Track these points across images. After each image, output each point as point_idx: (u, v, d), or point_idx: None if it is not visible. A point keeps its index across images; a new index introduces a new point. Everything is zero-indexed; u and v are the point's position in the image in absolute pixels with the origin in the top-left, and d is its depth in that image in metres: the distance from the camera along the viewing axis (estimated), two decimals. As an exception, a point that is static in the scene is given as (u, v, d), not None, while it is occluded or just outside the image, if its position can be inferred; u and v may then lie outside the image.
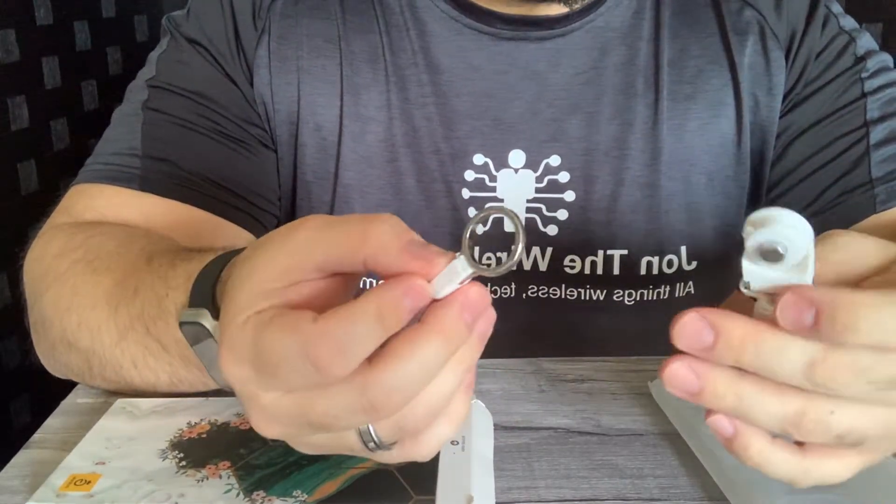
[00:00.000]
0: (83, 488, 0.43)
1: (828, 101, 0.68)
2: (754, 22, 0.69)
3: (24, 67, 1.34)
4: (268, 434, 0.35)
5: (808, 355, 0.32)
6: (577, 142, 0.68)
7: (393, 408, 0.31)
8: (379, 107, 0.68)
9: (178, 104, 0.66)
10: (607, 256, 0.69)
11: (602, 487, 0.45)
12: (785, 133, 0.69)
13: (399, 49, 0.68)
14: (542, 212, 0.69)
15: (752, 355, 0.33)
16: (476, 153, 0.68)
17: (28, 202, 1.34)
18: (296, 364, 0.31)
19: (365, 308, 0.30)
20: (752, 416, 0.34)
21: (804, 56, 0.68)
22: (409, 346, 0.31)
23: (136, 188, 0.63)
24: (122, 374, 0.51)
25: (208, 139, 0.66)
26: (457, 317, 0.31)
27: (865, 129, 0.66)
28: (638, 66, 0.69)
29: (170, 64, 0.68)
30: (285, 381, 0.32)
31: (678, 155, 0.69)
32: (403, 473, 0.43)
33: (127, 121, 0.67)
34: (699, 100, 0.68)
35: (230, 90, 0.67)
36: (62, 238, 0.58)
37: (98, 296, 0.52)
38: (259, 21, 0.67)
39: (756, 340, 0.32)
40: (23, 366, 1.33)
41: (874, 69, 0.68)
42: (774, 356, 0.32)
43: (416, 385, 0.31)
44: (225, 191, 0.65)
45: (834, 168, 0.66)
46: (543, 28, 0.67)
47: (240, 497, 0.42)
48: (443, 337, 0.31)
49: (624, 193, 0.69)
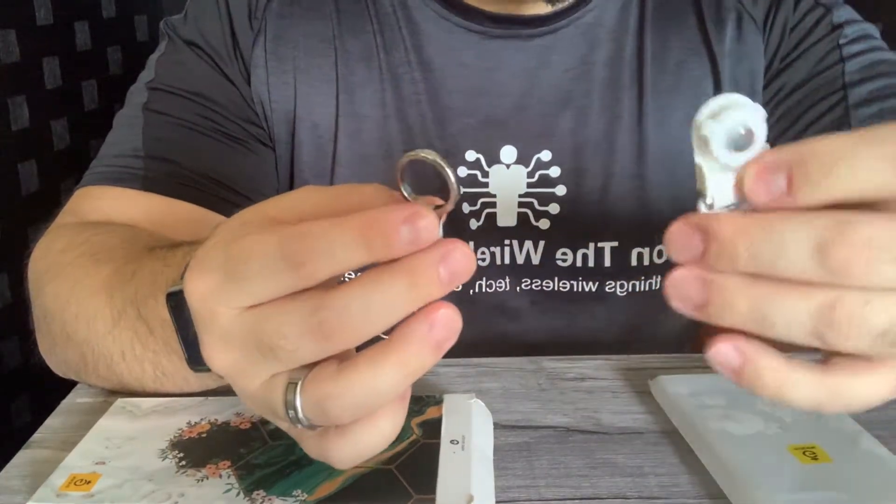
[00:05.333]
0: (83, 488, 0.43)
1: (805, 70, 0.68)
2: (732, 8, 0.70)
3: (24, 67, 1.34)
4: (217, 364, 0.33)
5: (814, 236, 0.28)
6: (568, 136, 0.69)
7: (342, 337, 0.30)
8: (374, 105, 0.69)
9: (177, 105, 0.67)
10: (598, 249, 0.70)
11: (602, 486, 0.45)
12: (766, 106, 0.69)
13: (392, 48, 0.69)
14: (534, 206, 0.70)
15: (749, 251, 0.28)
16: (468, 150, 0.69)
17: (28, 202, 1.34)
18: (269, 261, 0.30)
19: (352, 219, 0.30)
20: (772, 323, 0.29)
21: (778, 33, 0.69)
22: (375, 276, 0.30)
23: (140, 188, 0.63)
24: (112, 368, 0.51)
25: (209, 139, 0.66)
26: (430, 264, 0.30)
27: (844, 92, 0.66)
28: (624, 60, 0.70)
29: (168, 66, 0.69)
30: (253, 283, 0.31)
31: (663, 147, 0.70)
32: (403, 473, 0.43)
33: (128, 123, 0.67)
34: (681, 91, 0.69)
35: (228, 90, 0.68)
36: (67, 235, 0.59)
37: (97, 284, 0.52)
38: (255, 21, 0.68)
39: (749, 232, 0.28)
40: (23, 366, 1.33)
41: (854, 36, 0.68)
42: (774, 247, 0.28)
43: (371, 318, 0.30)
44: (227, 189, 0.66)
45: (815, 131, 0.66)
46: (533, 26, 0.68)
47: (240, 496, 0.42)
48: (409, 277, 0.29)
49: (613, 186, 0.70)
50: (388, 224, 0.29)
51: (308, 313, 0.30)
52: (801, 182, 0.28)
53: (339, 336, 0.30)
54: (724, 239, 0.29)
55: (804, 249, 0.28)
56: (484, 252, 0.70)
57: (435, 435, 0.46)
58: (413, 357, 0.31)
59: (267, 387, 0.33)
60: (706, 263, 0.29)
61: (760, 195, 0.28)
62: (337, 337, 0.30)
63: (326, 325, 0.30)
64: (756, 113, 0.30)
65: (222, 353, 0.33)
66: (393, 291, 0.30)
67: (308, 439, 0.34)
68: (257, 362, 0.32)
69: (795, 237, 0.28)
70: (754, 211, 0.29)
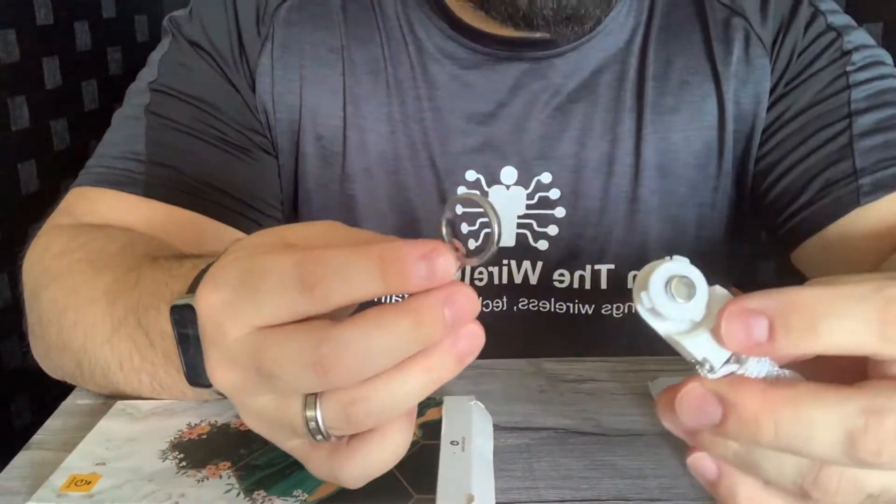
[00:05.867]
0: (83, 488, 0.43)
1: (810, 94, 0.67)
2: (740, 28, 0.68)
3: (24, 67, 1.34)
4: (219, 381, 0.33)
5: (846, 423, 0.27)
6: (568, 159, 0.69)
7: (341, 374, 0.29)
8: (380, 119, 0.68)
9: (180, 110, 0.66)
10: (595, 271, 0.70)
11: (602, 488, 0.45)
12: (769, 129, 0.69)
13: (398, 62, 0.69)
14: (533, 227, 0.70)
15: (776, 431, 0.27)
16: (468, 169, 0.69)
17: (28, 202, 1.34)
18: (283, 279, 0.30)
19: (370, 248, 0.29)
20: (759, 468, 0.29)
21: (786, 55, 0.67)
22: (377, 315, 0.29)
23: (141, 193, 0.62)
24: (109, 378, 0.51)
25: (211, 146, 0.66)
26: (435, 305, 0.29)
27: (849, 120, 0.65)
28: (628, 81, 0.69)
29: (172, 67, 0.68)
30: (265, 301, 0.30)
31: (661, 168, 0.69)
32: (403, 473, 0.43)
33: (128, 124, 0.66)
34: (682, 112, 0.68)
35: (232, 96, 0.67)
36: (63, 239, 0.58)
37: (97, 291, 0.51)
38: (263, 27, 0.67)
39: (776, 411, 0.27)
40: (23, 366, 1.33)
41: (862, 63, 0.67)
42: (803, 429, 0.27)
43: (373, 357, 0.29)
44: (229, 197, 0.65)
45: (818, 158, 0.65)
46: (538, 49, 0.67)
47: (240, 497, 0.42)
48: (414, 317, 0.29)
49: (610, 209, 0.69)
50: (406, 256, 0.29)
51: (311, 346, 0.30)
52: (783, 334, 0.27)
53: (338, 372, 0.30)
54: (747, 414, 0.28)
55: (835, 436, 0.27)
56: (482, 272, 0.70)
57: (435, 436, 0.46)
58: (437, 365, 0.31)
59: (280, 405, 0.33)
60: (723, 431, 0.28)
61: (739, 340, 0.28)
62: (336, 373, 0.30)
63: (327, 360, 0.29)
64: (675, 263, 0.29)
65: (225, 371, 0.33)
66: (397, 330, 0.29)
67: (316, 459, 0.34)
68: (258, 385, 0.32)
69: (826, 421, 0.27)
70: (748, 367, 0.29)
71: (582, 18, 0.60)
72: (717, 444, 0.30)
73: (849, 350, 0.28)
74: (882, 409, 0.27)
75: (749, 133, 0.69)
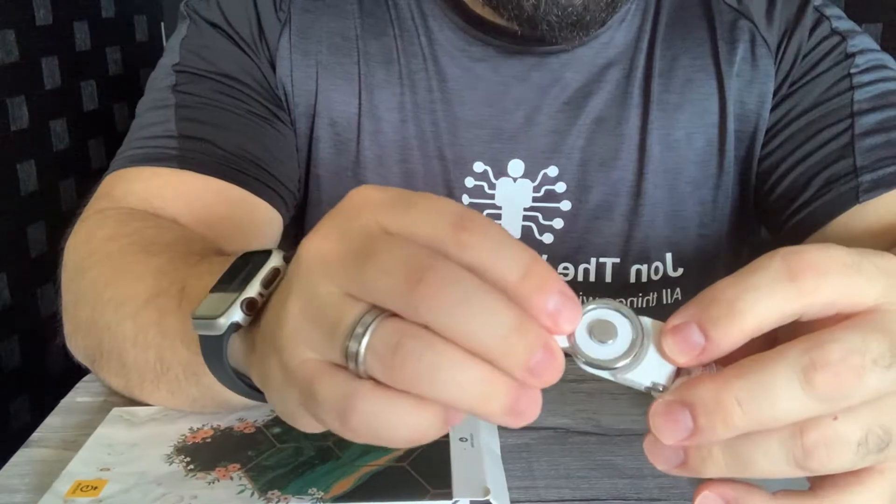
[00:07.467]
0: (90, 494, 0.43)
1: (814, 95, 0.68)
2: (746, 30, 0.69)
3: (23, 67, 1.34)
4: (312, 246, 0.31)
5: (794, 368, 0.28)
6: (575, 153, 0.70)
7: (428, 297, 0.27)
8: (392, 108, 0.69)
9: (206, 86, 0.66)
10: (599, 264, 0.71)
11: (602, 487, 0.45)
12: (773, 129, 0.69)
13: (411, 53, 0.70)
14: (539, 220, 0.70)
15: (741, 406, 0.28)
16: (476, 161, 0.70)
17: (28, 202, 1.34)
18: (395, 265, 0.28)
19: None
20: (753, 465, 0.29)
21: (790, 58, 0.68)
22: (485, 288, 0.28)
23: (176, 167, 0.62)
24: (122, 360, 0.50)
25: (241, 118, 0.66)
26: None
27: (851, 120, 0.65)
28: (635, 77, 0.70)
29: (193, 48, 0.68)
30: (374, 269, 0.28)
31: (665, 164, 0.70)
32: (417, 469, 0.43)
33: (157, 106, 0.66)
34: (686, 109, 0.69)
35: (255, 72, 0.68)
36: (112, 222, 0.58)
37: (147, 270, 0.50)
38: (281, 13, 0.69)
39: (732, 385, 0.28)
40: (22, 366, 1.33)
41: (866, 66, 0.68)
42: (765, 391, 0.28)
43: (467, 307, 0.27)
44: (261, 169, 0.65)
45: (820, 157, 0.66)
46: (549, 44, 0.67)
47: (254, 497, 0.42)
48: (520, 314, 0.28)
49: (615, 203, 0.70)
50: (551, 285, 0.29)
51: (425, 255, 0.28)
52: (712, 328, 0.28)
53: (426, 294, 0.27)
54: (709, 403, 0.28)
55: (791, 383, 0.28)
56: None
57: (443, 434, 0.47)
58: (497, 381, 0.29)
59: (339, 300, 0.29)
60: (699, 434, 0.28)
61: (685, 352, 0.29)
62: (424, 293, 0.27)
63: (428, 275, 0.27)
64: (591, 311, 0.31)
65: (325, 240, 0.30)
66: (499, 306, 0.28)
67: (330, 386, 0.29)
68: (348, 265, 0.29)
69: (777, 373, 0.28)
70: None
71: (587, 24, 0.61)
72: (706, 460, 0.30)
73: (777, 318, 0.29)
74: (821, 343, 0.28)
75: (753, 133, 0.69)
